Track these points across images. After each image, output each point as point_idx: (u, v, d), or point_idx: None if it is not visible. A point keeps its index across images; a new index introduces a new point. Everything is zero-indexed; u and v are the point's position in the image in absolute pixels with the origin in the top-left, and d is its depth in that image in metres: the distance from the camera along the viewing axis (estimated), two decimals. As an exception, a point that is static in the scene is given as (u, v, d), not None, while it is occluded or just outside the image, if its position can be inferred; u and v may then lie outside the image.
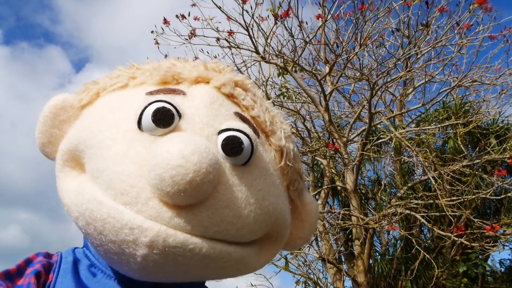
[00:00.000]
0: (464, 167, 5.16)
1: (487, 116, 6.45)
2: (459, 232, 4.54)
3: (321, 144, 5.49)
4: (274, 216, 0.69)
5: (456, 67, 6.41)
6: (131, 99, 0.70)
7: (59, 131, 0.75)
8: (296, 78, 5.33)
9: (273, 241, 0.73)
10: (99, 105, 0.74)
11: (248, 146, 0.65)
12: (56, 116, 0.75)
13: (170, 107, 0.64)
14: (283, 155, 0.74)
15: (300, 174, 0.79)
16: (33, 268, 0.69)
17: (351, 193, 5.47)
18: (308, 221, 0.81)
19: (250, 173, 0.66)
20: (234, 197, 0.62)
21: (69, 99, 0.76)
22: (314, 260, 5.94)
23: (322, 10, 4.90)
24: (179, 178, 0.55)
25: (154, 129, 0.63)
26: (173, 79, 0.74)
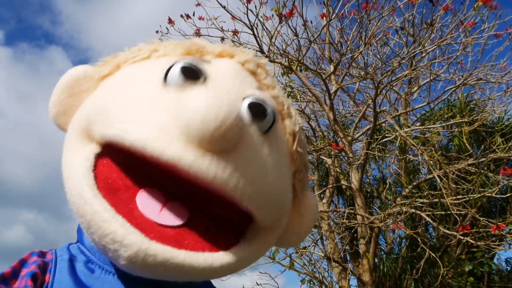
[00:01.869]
0: (470, 166, 5.14)
1: (493, 115, 6.41)
2: (464, 231, 4.52)
3: (326, 143, 5.49)
4: (282, 195, 0.69)
5: (461, 65, 6.39)
6: (154, 66, 0.69)
7: (76, 101, 0.74)
8: (300, 77, 5.34)
9: (271, 230, 0.72)
10: (120, 75, 0.73)
11: (271, 113, 0.65)
12: (75, 86, 0.74)
13: (197, 68, 0.64)
14: (295, 141, 0.74)
15: (306, 166, 0.79)
16: (29, 270, 0.67)
17: (356, 192, 5.47)
18: (307, 217, 0.80)
19: (269, 143, 0.66)
20: (255, 158, 0.62)
21: (90, 70, 0.75)
22: (319, 259, 5.95)
23: (326, 9, 4.90)
24: (211, 118, 0.54)
25: (181, 83, 0.62)
26: (197, 51, 0.74)
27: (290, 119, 0.75)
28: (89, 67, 0.76)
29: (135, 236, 0.56)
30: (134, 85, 0.67)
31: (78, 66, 0.76)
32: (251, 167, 0.61)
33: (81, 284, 0.67)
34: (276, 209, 0.69)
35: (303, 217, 0.80)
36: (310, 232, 0.87)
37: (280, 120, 0.73)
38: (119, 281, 0.69)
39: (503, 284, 7.06)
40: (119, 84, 0.70)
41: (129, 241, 0.55)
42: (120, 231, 0.56)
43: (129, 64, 0.74)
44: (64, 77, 0.75)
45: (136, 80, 0.68)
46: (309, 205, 0.80)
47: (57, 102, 0.75)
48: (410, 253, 6.41)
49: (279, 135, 0.70)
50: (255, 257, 0.71)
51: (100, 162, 0.65)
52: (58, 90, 0.75)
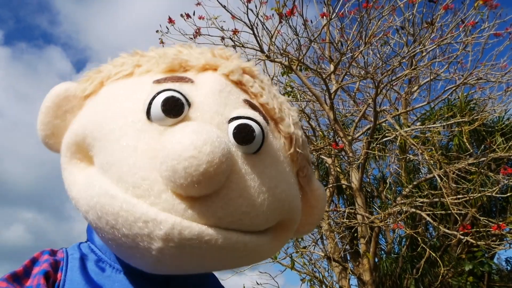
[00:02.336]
0: (470, 165, 5.14)
1: (493, 114, 6.41)
2: (464, 230, 4.52)
3: (326, 143, 5.49)
4: (286, 203, 0.68)
5: (461, 64, 6.39)
6: (138, 88, 0.68)
7: (62, 122, 0.73)
8: (301, 76, 5.33)
9: (285, 228, 0.73)
10: (104, 95, 0.71)
11: (259, 134, 0.64)
12: (59, 107, 0.72)
13: (179, 96, 0.63)
14: (292, 142, 0.73)
15: (309, 161, 0.78)
16: (41, 268, 0.68)
17: (356, 192, 5.46)
18: (317, 207, 0.81)
19: (261, 161, 0.65)
20: (247, 186, 0.61)
21: (72, 89, 0.73)
22: (319, 259, 5.95)
23: (326, 9, 4.90)
24: (193, 169, 0.53)
25: (163, 119, 0.61)
26: (180, 66, 0.72)
27: (283, 122, 0.74)
28: (71, 85, 0.74)
29: (165, 214, 0.56)
30: (119, 114, 0.65)
31: (60, 85, 0.74)
32: (245, 197, 0.61)
33: (92, 283, 0.68)
34: (283, 216, 0.69)
35: (314, 208, 0.81)
36: (321, 219, 0.89)
37: (273, 126, 0.72)
38: (129, 279, 0.70)
39: (503, 284, 7.06)
40: (102, 109, 0.68)
41: (163, 217, 0.56)
42: (151, 211, 0.56)
43: (113, 81, 0.73)
44: (47, 98, 0.73)
45: (121, 107, 0.66)
46: (317, 195, 0.81)
47: (43, 125, 0.74)
48: (410, 253, 6.41)
49: (273, 146, 0.69)
50: (273, 248, 0.72)
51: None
52: (42, 114, 0.73)
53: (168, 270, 0.63)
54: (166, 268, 0.62)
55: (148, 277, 0.69)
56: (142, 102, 0.63)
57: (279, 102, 0.75)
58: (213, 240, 0.57)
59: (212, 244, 0.57)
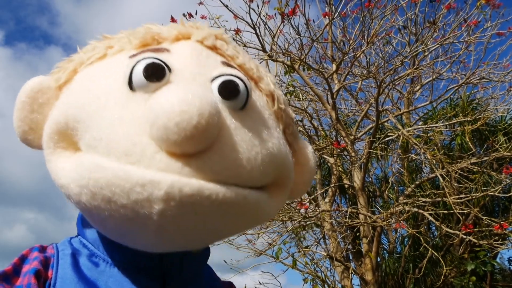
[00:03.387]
0: (472, 165, 5.13)
1: (495, 113, 6.40)
2: (467, 230, 4.51)
3: (328, 142, 5.49)
4: (279, 157, 0.68)
5: (463, 64, 6.39)
6: (114, 65, 0.67)
7: (39, 115, 0.70)
8: (303, 76, 5.33)
9: (281, 185, 0.72)
10: (80, 80, 0.70)
11: (243, 89, 0.64)
12: (34, 100, 0.70)
13: (159, 62, 0.63)
14: (275, 100, 0.74)
15: (292, 119, 0.79)
16: (31, 266, 0.65)
17: (359, 191, 5.46)
18: (307, 164, 0.81)
19: (249, 116, 0.65)
20: (239, 140, 0.61)
21: (45, 81, 0.72)
22: (321, 258, 5.96)
23: (329, 8, 4.90)
24: (185, 123, 0.52)
25: (146, 86, 0.61)
26: (153, 40, 0.72)
27: (262, 80, 0.74)
28: (44, 78, 0.73)
29: (162, 173, 0.55)
30: (100, 93, 0.64)
31: (33, 79, 0.73)
32: (238, 151, 0.60)
33: (85, 279, 0.66)
34: (278, 173, 0.68)
35: (304, 166, 0.80)
36: (313, 177, 0.87)
37: (253, 85, 0.72)
38: (124, 273, 0.68)
39: (506, 284, 7.05)
40: (81, 92, 0.67)
41: (161, 176, 0.54)
42: (148, 173, 0.55)
43: (86, 67, 0.71)
44: (20, 94, 0.71)
45: (100, 86, 0.65)
46: (306, 153, 0.81)
47: (20, 121, 0.71)
48: (413, 252, 6.40)
49: (257, 103, 0.69)
50: (277, 206, 0.72)
51: None
52: (18, 110, 0.71)
53: (171, 240, 0.61)
54: (169, 236, 0.60)
55: (143, 271, 0.68)
56: (121, 76, 0.63)
57: (255, 64, 0.76)
58: (213, 194, 0.56)
59: (213, 199, 0.56)
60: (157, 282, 0.70)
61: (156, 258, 0.69)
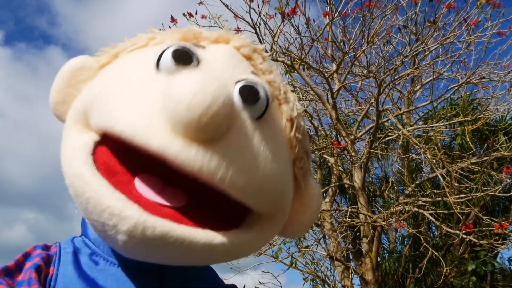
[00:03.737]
0: (473, 164, 5.13)
1: (496, 113, 6.39)
2: (467, 229, 4.51)
3: (328, 142, 5.49)
4: (280, 184, 0.66)
5: (464, 64, 6.39)
6: (150, 53, 0.69)
7: (75, 91, 0.74)
8: (303, 76, 5.33)
9: (272, 218, 0.69)
10: (117, 63, 0.73)
11: (264, 98, 0.63)
12: (74, 76, 0.74)
13: (189, 50, 0.64)
14: (293, 127, 0.72)
15: (308, 154, 0.76)
16: (33, 262, 0.67)
17: (359, 191, 5.46)
18: (310, 207, 0.77)
19: (262, 130, 0.64)
20: (246, 146, 0.60)
21: (88, 60, 0.76)
22: (322, 258, 5.95)
23: (329, 8, 4.90)
24: (196, 103, 0.52)
25: (172, 68, 0.62)
26: (193, 37, 0.74)
27: (287, 104, 0.73)
28: (88, 58, 0.77)
29: (133, 209, 0.55)
30: (127, 72, 0.67)
31: (78, 57, 0.77)
32: (242, 156, 0.59)
33: (85, 276, 0.67)
34: (273, 199, 0.66)
35: (307, 207, 0.77)
36: (314, 222, 0.83)
37: (276, 106, 0.71)
38: (123, 272, 0.69)
39: (506, 283, 7.05)
40: (114, 72, 0.70)
41: (128, 214, 0.54)
42: (118, 204, 0.55)
43: (127, 53, 0.74)
44: (64, 67, 0.76)
45: (130, 67, 0.68)
46: (312, 194, 0.78)
47: (56, 91, 0.75)
48: (413, 252, 6.40)
49: (275, 122, 0.68)
50: (257, 244, 0.68)
51: (99, 149, 0.65)
52: (58, 79, 0.75)
53: (141, 259, 0.62)
54: (136, 257, 0.61)
55: (143, 270, 0.69)
56: (152, 57, 0.64)
57: (285, 87, 0.75)
58: (178, 241, 0.56)
59: (177, 245, 0.56)
60: (155, 281, 0.70)
61: None
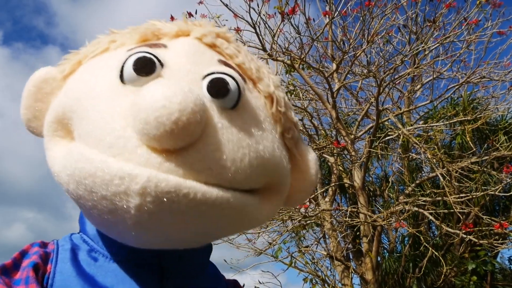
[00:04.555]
0: (473, 164, 5.13)
1: (496, 113, 6.40)
2: (467, 229, 4.51)
3: (328, 142, 5.48)
4: (271, 162, 0.66)
5: (464, 63, 6.38)
6: (112, 59, 0.68)
7: (43, 105, 0.73)
8: (303, 75, 5.33)
9: (274, 191, 0.70)
10: (81, 71, 0.72)
11: (235, 88, 0.63)
12: (39, 90, 0.73)
13: (150, 56, 0.63)
14: (273, 102, 0.72)
15: (294, 123, 0.76)
16: (30, 260, 0.66)
17: (359, 191, 5.46)
18: (308, 172, 0.77)
19: (240, 116, 0.64)
20: (225, 140, 0.59)
21: (52, 72, 0.74)
22: (321, 258, 5.96)
23: (329, 7, 4.89)
24: (164, 118, 0.52)
25: (136, 79, 0.61)
26: (153, 35, 0.73)
27: (261, 81, 0.73)
28: (51, 69, 0.75)
29: (142, 167, 0.55)
30: (93, 85, 0.65)
31: (40, 69, 0.75)
32: (223, 151, 0.59)
33: (84, 273, 0.67)
34: (268, 176, 0.67)
35: (305, 173, 0.77)
36: (315, 186, 0.83)
37: (251, 86, 0.71)
38: (122, 268, 0.68)
39: (506, 283, 7.04)
40: (79, 83, 0.69)
41: (138, 171, 0.54)
42: (127, 166, 0.55)
43: (90, 59, 0.73)
44: (28, 83, 0.74)
45: (95, 78, 0.66)
46: (308, 159, 0.78)
47: (26, 108, 0.74)
48: (413, 252, 6.40)
49: (252, 104, 0.68)
50: (268, 211, 0.69)
51: None
52: (24, 98, 0.74)
53: (152, 236, 0.61)
54: (148, 232, 0.60)
55: (142, 265, 0.68)
56: (115, 68, 0.64)
57: (257, 64, 0.75)
58: (191, 193, 0.55)
59: (191, 198, 0.55)
60: (156, 277, 0.69)
61: (155, 253, 0.69)
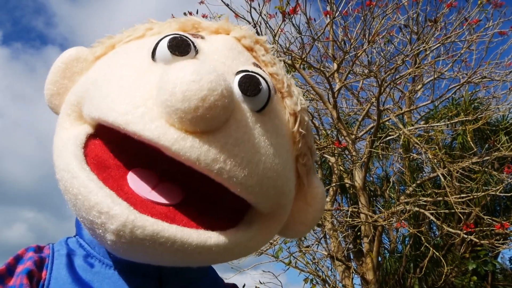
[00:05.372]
0: (474, 164, 5.12)
1: (497, 113, 6.38)
2: (468, 229, 4.50)
3: (329, 142, 5.48)
4: (281, 180, 0.63)
5: (465, 63, 6.37)
6: (147, 43, 0.66)
7: (69, 82, 0.72)
8: (304, 75, 5.32)
9: (272, 216, 0.66)
10: (112, 54, 0.71)
11: (265, 90, 0.61)
12: (68, 67, 0.73)
13: (187, 38, 0.61)
14: (297, 121, 0.69)
15: (311, 151, 0.73)
16: (24, 266, 0.64)
17: (360, 191, 5.45)
18: (313, 206, 0.74)
19: (264, 122, 0.61)
20: (246, 139, 0.57)
21: (84, 51, 0.74)
22: (322, 258, 5.94)
23: (330, 7, 4.89)
24: (192, 93, 0.50)
25: (169, 58, 0.60)
26: (192, 27, 0.71)
27: (290, 98, 0.70)
28: (83, 49, 0.75)
29: (122, 206, 0.53)
30: (122, 63, 0.65)
31: (72, 48, 0.74)
32: (242, 148, 0.56)
33: (80, 280, 0.64)
34: (274, 194, 0.63)
35: (310, 206, 0.74)
36: (317, 222, 0.79)
37: (279, 99, 0.68)
38: (119, 275, 0.66)
39: (507, 283, 7.04)
40: (109, 63, 0.68)
41: (116, 212, 0.52)
42: (106, 201, 0.53)
43: (124, 44, 0.72)
44: (58, 59, 0.74)
45: (126, 58, 0.66)
46: (315, 193, 0.74)
47: (51, 83, 0.73)
48: (414, 252, 6.39)
49: (277, 115, 0.65)
50: (255, 244, 0.66)
51: (92, 142, 0.63)
52: (52, 71, 0.73)
53: (131, 259, 0.59)
54: (126, 257, 0.59)
55: (139, 273, 0.66)
56: (148, 47, 0.62)
57: (289, 80, 0.72)
58: (168, 242, 0.53)
59: (167, 246, 0.53)
60: (154, 284, 0.67)
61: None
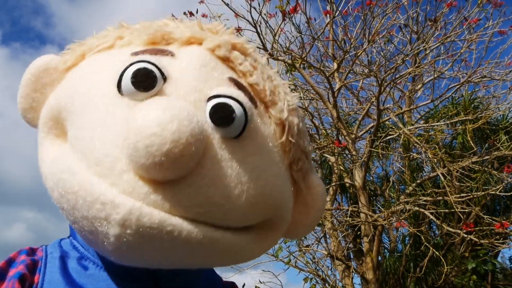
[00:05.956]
0: (474, 164, 5.12)
1: (497, 112, 6.38)
2: (468, 229, 4.50)
3: (329, 141, 5.48)
4: (272, 198, 0.61)
5: (465, 62, 6.37)
6: (114, 60, 0.63)
7: (41, 95, 0.68)
8: (304, 75, 5.32)
9: (272, 227, 0.65)
10: (82, 67, 0.67)
11: (241, 116, 0.56)
12: (38, 79, 0.68)
13: (152, 68, 0.57)
14: (285, 130, 0.65)
15: (306, 153, 0.69)
16: (16, 270, 0.62)
17: (360, 190, 5.45)
18: (314, 207, 0.71)
19: (243, 147, 0.58)
20: (222, 174, 0.54)
21: (54, 61, 0.69)
22: (322, 257, 5.94)
23: (330, 7, 4.89)
24: (154, 148, 0.47)
25: (134, 93, 0.56)
26: (162, 39, 0.66)
27: (275, 106, 0.66)
28: (53, 57, 0.70)
29: (127, 197, 0.51)
30: (90, 86, 0.61)
31: (42, 57, 0.70)
32: (218, 185, 0.54)
33: (74, 284, 0.63)
34: (265, 213, 0.62)
35: (310, 207, 0.71)
36: (318, 221, 0.77)
37: (262, 111, 0.65)
38: (115, 278, 0.65)
39: (507, 283, 7.04)
40: (77, 84, 0.64)
41: (121, 200, 0.50)
42: (110, 192, 0.51)
43: (93, 54, 0.68)
44: (27, 70, 0.69)
45: (94, 79, 0.62)
46: (315, 193, 0.72)
47: (22, 96, 0.69)
48: (414, 251, 6.39)
49: (259, 132, 0.61)
50: (256, 248, 0.64)
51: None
52: (22, 87, 0.69)
53: (130, 261, 0.57)
54: (127, 258, 0.56)
55: (136, 276, 0.64)
56: (114, 75, 0.59)
57: (273, 85, 0.67)
58: (175, 231, 0.51)
59: (175, 236, 0.51)
60: (148, 287, 0.66)
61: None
